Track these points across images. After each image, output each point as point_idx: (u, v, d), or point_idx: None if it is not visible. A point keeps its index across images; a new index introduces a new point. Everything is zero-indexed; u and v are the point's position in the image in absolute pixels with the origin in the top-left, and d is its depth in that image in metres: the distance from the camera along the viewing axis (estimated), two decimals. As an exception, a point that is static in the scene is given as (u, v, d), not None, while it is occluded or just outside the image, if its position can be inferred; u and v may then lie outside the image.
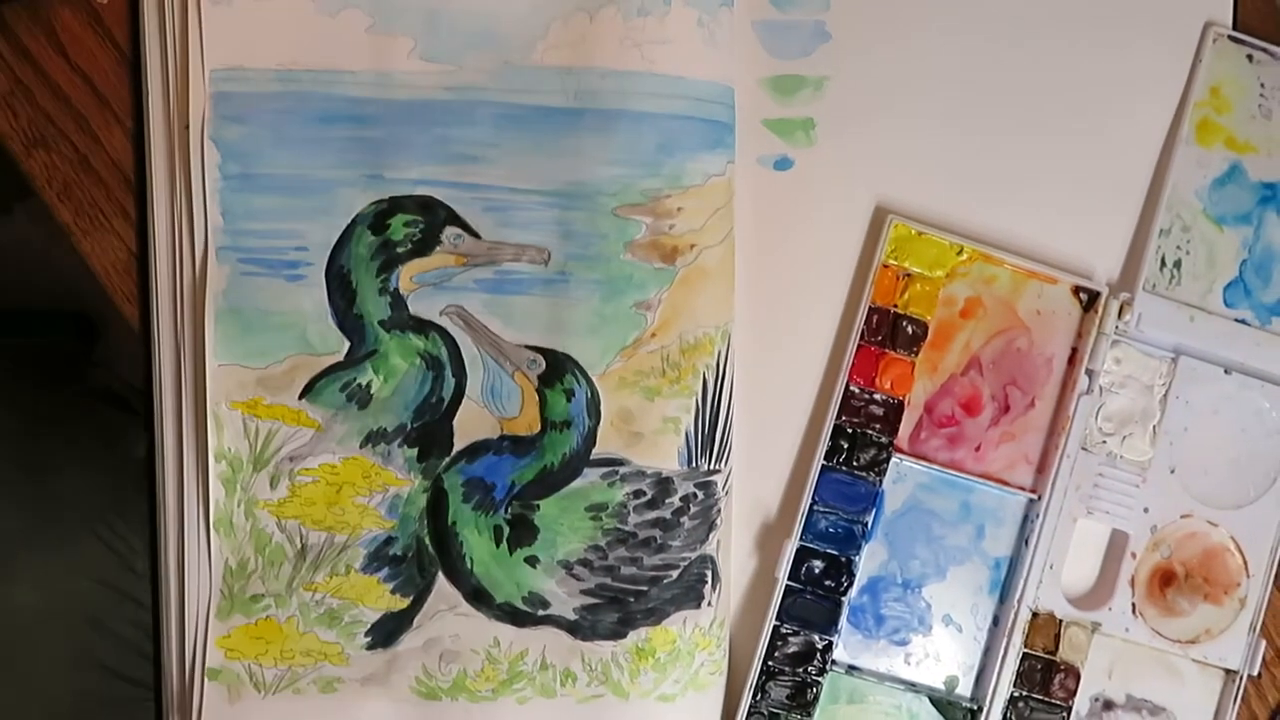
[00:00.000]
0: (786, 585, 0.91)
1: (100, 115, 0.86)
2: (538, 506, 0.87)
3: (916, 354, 0.93)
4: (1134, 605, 0.95)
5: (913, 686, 0.94)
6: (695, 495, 0.88)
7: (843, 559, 0.92)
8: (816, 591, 0.92)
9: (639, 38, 0.86)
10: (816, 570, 0.92)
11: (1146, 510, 0.96)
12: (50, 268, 1.82)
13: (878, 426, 0.93)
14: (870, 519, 0.92)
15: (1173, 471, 0.96)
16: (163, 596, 0.84)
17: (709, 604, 0.88)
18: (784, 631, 0.91)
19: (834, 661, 0.92)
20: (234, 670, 0.85)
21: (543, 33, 0.86)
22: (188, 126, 0.83)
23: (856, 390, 0.93)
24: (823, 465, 0.92)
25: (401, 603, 0.86)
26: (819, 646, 0.91)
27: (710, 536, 0.88)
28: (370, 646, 0.86)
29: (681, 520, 0.88)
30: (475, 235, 0.86)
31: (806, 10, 0.93)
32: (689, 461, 0.88)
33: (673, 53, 0.87)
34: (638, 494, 0.88)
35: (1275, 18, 0.98)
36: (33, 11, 0.84)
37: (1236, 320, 0.97)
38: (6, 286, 1.86)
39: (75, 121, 0.85)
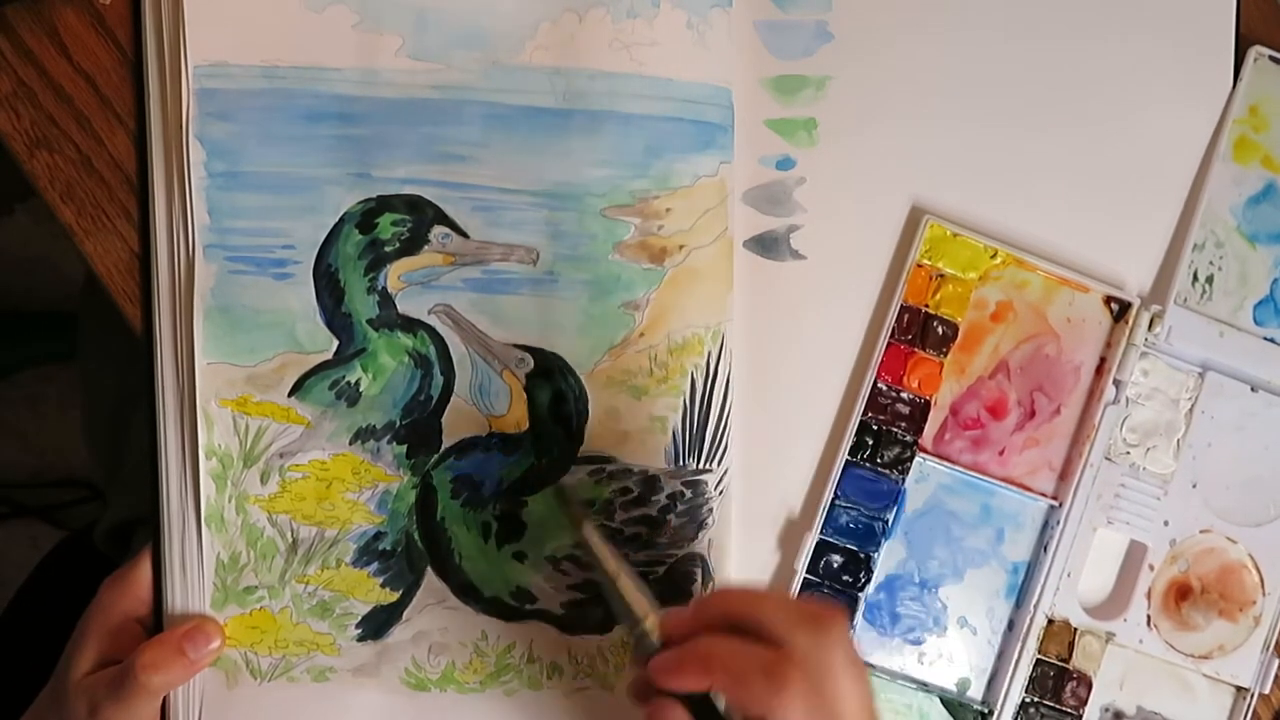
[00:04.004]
0: (805, 578, 0.86)
1: (102, 115, 0.82)
2: (526, 503, 0.83)
3: (945, 355, 0.88)
4: (1149, 617, 0.89)
5: (925, 686, 0.88)
6: (682, 494, 0.83)
7: (862, 555, 0.86)
8: (834, 586, 0.86)
9: (628, 39, 0.82)
10: (835, 565, 0.86)
11: (1166, 523, 0.90)
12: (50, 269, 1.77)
13: (903, 425, 0.87)
14: (891, 516, 0.87)
15: (1194, 486, 0.90)
16: (165, 588, 0.80)
17: None
18: None
19: None
20: (231, 658, 0.81)
21: (532, 33, 0.82)
22: (180, 125, 0.79)
23: (884, 388, 0.87)
24: (846, 460, 0.86)
25: (391, 596, 0.82)
26: None
27: (700, 535, 0.84)
28: (361, 638, 0.82)
29: (668, 518, 0.83)
30: (463, 234, 0.81)
31: (808, 10, 0.88)
32: (676, 460, 0.83)
33: (661, 54, 0.82)
34: (624, 491, 0.83)
35: (1277, 20, 0.92)
36: (35, 12, 0.81)
37: (1265, 338, 0.90)
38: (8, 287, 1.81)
39: (77, 122, 0.81)
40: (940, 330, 0.86)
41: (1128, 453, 0.89)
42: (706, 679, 0.67)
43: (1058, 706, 0.87)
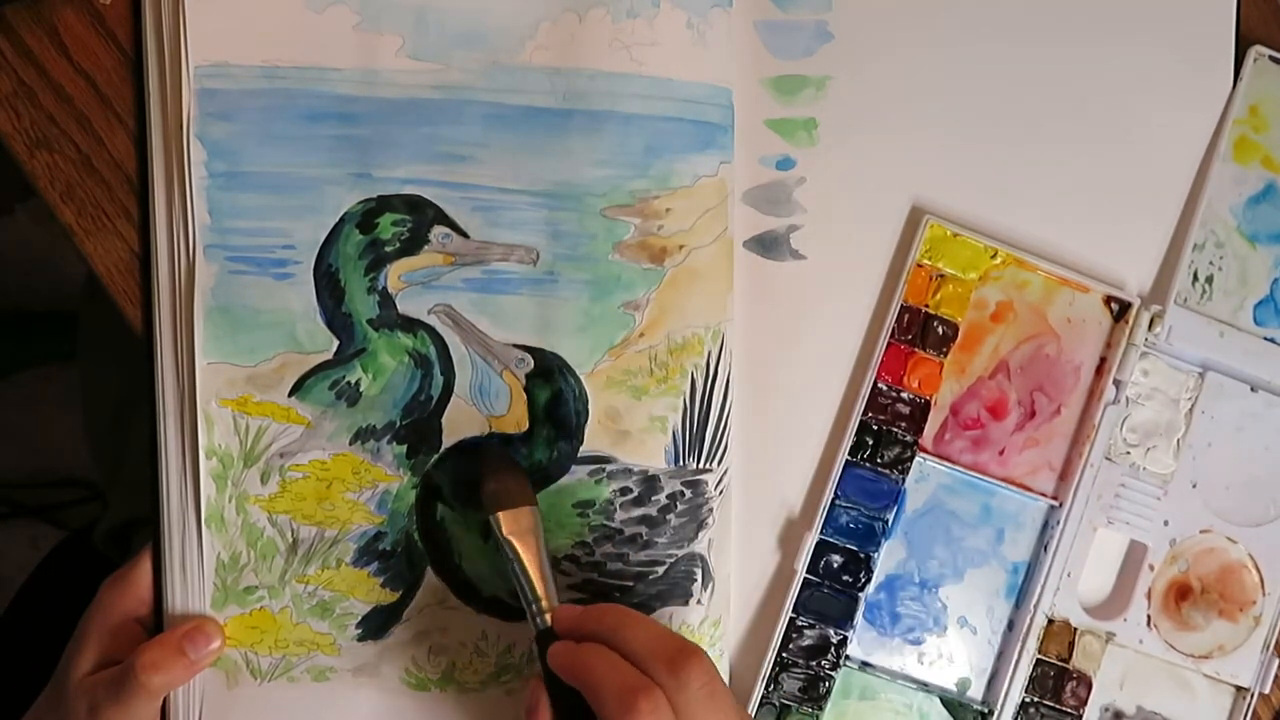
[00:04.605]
0: (805, 578, 0.86)
1: (102, 116, 0.81)
2: None
3: (946, 355, 0.87)
4: (1149, 617, 0.89)
5: (924, 686, 0.88)
6: (682, 494, 0.83)
7: (862, 555, 0.86)
8: (834, 586, 0.86)
9: (628, 39, 0.82)
10: (835, 565, 0.86)
11: (1166, 523, 0.90)
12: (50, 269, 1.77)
13: (903, 425, 0.87)
14: (891, 516, 0.87)
15: (1194, 486, 0.90)
16: (165, 588, 0.80)
17: (699, 602, 0.84)
18: (800, 624, 0.86)
19: (848, 657, 0.86)
20: (231, 658, 0.81)
21: (532, 33, 0.81)
22: (181, 125, 0.79)
23: (884, 388, 0.87)
24: (847, 460, 0.86)
25: (391, 596, 0.82)
26: (833, 641, 0.86)
27: (700, 535, 0.83)
28: (361, 638, 0.82)
29: (668, 518, 0.83)
30: (464, 235, 0.81)
31: (808, 10, 0.87)
32: (676, 460, 0.83)
33: (661, 54, 0.82)
34: (624, 491, 0.83)
35: (1277, 20, 0.92)
36: (35, 12, 0.80)
37: (1265, 339, 0.90)
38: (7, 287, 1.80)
39: (78, 122, 0.81)
40: (940, 330, 0.86)
41: (1128, 453, 0.89)
42: (575, 682, 0.71)
43: (1058, 706, 0.87)
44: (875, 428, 0.86)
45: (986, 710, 0.87)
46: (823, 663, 0.85)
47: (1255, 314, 0.90)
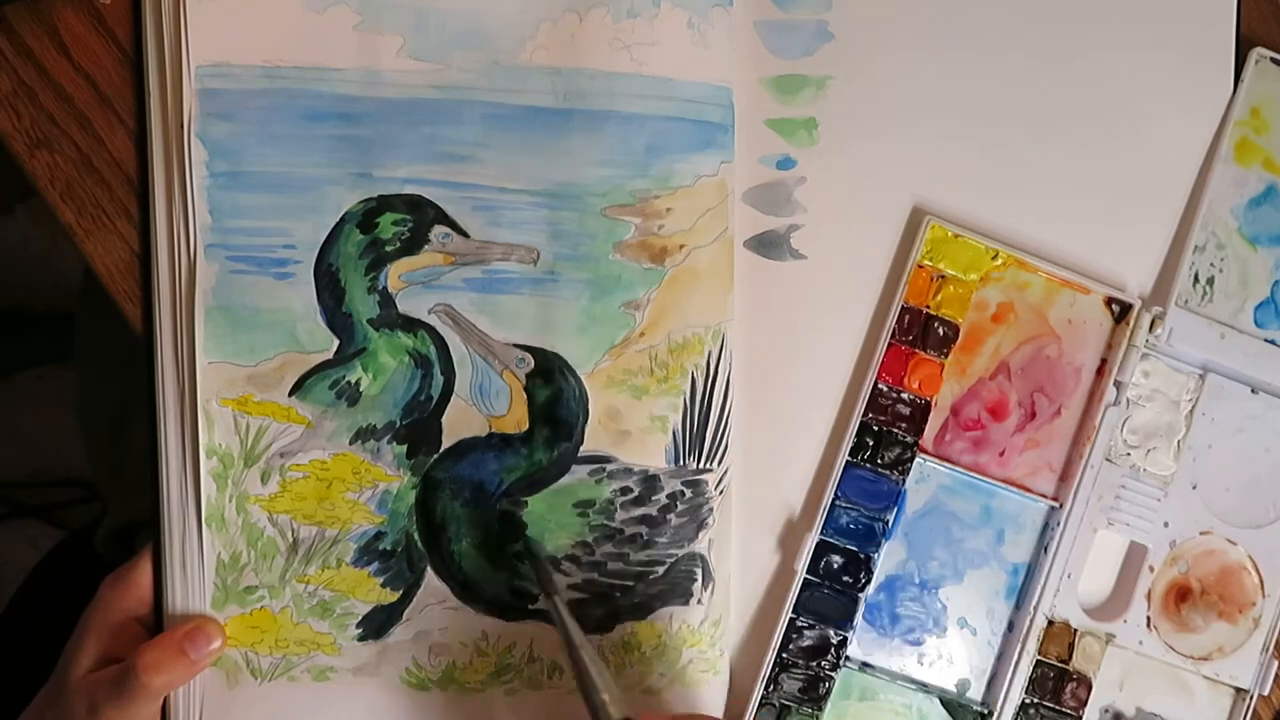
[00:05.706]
0: (805, 579, 0.86)
1: (103, 115, 0.82)
2: (526, 503, 0.83)
3: (946, 356, 0.87)
4: (1149, 619, 0.89)
5: (924, 687, 0.88)
6: (683, 493, 0.83)
7: (862, 556, 0.86)
8: (834, 586, 0.86)
9: (628, 39, 0.82)
10: (835, 565, 0.86)
11: (1166, 525, 0.89)
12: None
13: (904, 425, 0.87)
14: (891, 517, 0.87)
15: (1194, 488, 0.90)
16: (166, 587, 0.80)
17: (699, 602, 0.84)
18: (800, 624, 0.86)
19: (847, 657, 0.86)
20: (231, 657, 0.81)
21: (532, 33, 0.82)
22: (182, 125, 0.79)
23: (885, 389, 0.87)
24: (847, 461, 0.86)
25: (391, 596, 0.82)
26: (833, 641, 0.86)
27: (700, 535, 0.84)
28: (361, 638, 0.82)
29: (668, 518, 0.83)
30: (464, 234, 0.81)
31: (808, 10, 0.88)
32: (676, 460, 0.83)
33: (662, 54, 0.82)
34: (624, 491, 0.83)
35: (1278, 21, 0.92)
36: (35, 12, 0.81)
37: (1266, 340, 0.90)
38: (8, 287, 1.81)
39: (78, 122, 0.81)
40: (941, 331, 0.86)
41: (1128, 454, 0.89)
42: None
43: (1057, 708, 0.87)
44: (876, 428, 0.86)
45: (986, 711, 0.87)
46: (822, 663, 0.85)
47: (1256, 316, 0.89)
